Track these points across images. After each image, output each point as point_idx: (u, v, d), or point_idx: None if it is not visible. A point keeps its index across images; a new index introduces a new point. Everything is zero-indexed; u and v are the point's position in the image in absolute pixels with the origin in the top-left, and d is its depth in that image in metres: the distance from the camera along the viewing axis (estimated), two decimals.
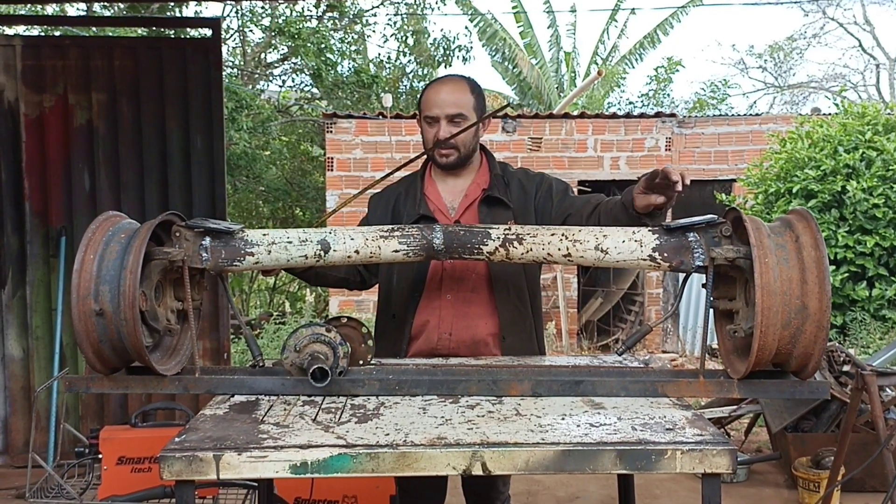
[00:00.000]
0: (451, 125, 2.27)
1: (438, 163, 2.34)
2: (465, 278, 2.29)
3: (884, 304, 7.02)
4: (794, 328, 1.62)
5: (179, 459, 1.44)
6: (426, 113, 2.30)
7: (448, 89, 2.30)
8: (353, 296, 9.07)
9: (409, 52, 14.27)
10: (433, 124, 2.30)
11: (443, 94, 2.29)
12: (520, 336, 2.33)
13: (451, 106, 2.27)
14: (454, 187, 2.38)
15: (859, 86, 19.93)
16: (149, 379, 1.83)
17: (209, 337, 4.55)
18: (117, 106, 4.50)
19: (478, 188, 2.37)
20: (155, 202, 4.45)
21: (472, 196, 2.36)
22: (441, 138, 2.28)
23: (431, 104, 2.29)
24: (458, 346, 2.28)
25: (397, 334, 2.31)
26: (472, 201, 2.35)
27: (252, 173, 11.56)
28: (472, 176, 2.39)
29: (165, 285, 1.89)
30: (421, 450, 1.46)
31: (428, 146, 2.34)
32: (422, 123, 2.34)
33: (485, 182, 2.37)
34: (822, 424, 4.21)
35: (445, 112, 2.27)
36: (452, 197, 2.37)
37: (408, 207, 2.35)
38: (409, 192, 2.40)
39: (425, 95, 2.33)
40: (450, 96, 2.28)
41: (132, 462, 2.84)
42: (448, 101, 2.27)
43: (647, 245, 1.81)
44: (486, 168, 2.42)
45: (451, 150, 2.30)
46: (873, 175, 6.93)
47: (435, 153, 2.32)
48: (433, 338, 2.29)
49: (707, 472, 1.47)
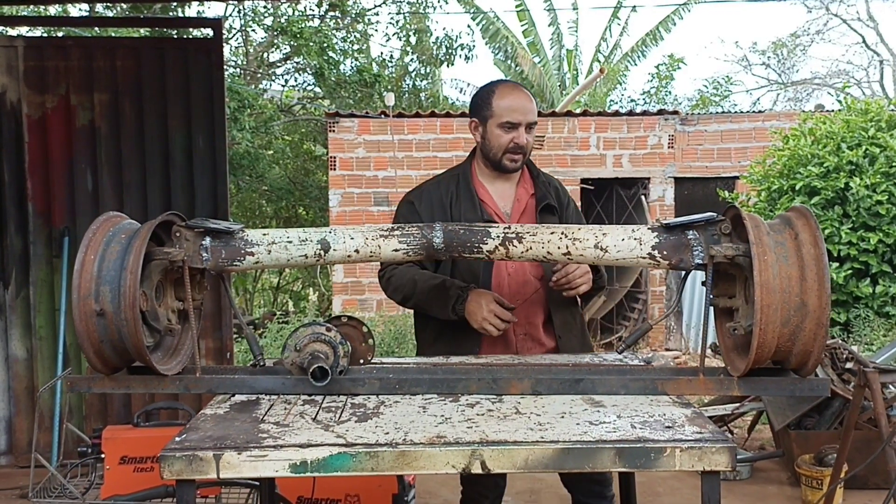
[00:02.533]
0: (527, 132, 2.36)
1: (507, 167, 2.40)
2: (527, 282, 2.38)
3: (887, 300, 7.00)
4: (794, 325, 1.62)
5: (180, 459, 1.45)
6: (507, 119, 2.34)
7: (526, 97, 2.39)
8: (356, 294, 9.08)
9: (411, 50, 14.27)
10: (511, 130, 2.35)
11: (524, 100, 2.37)
12: (573, 335, 2.43)
13: (531, 113, 2.37)
14: (504, 191, 2.46)
15: (863, 82, 19.89)
16: (150, 379, 1.83)
17: (212, 336, 4.56)
18: (119, 106, 4.50)
19: (526, 193, 2.46)
20: (157, 202, 4.45)
21: (524, 201, 2.45)
22: (520, 144, 2.35)
23: (514, 110, 2.35)
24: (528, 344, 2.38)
25: (468, 333, 2.31)
26: (525, 206, 2.44)
27: (255, 173, 11.57)
28: (518, 179, 2.47)
29: (166, 285, 1.89)
30: (420, 448, 1.46)
31: (499, 151, 2.38)
32: (490, 128, 2.38)
33: (530, 187, 2.47)
34: (824, 422, 4.20)
35: (527, 119, 2.35)
36: (504, 202, 2.45)
37: (464, 210, 2.38)
38: (462, 194, 2.42)
39: (504, 101, 2.36)
40: (529, 104, 2.37)
41: (134, 462, 2.85)
42: (529, 108, 2.37)
43: (647, 243, 1.81)
44: (527, 172, 2.50)
45: (521, 156, 2.39)
46: (877, 172, 6.91)
47: (506, 158, 2.38)
48: (510, 337, 2.36)
49: (706, 470, 1.47)
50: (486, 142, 2.40)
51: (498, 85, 2.44)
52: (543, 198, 2.43)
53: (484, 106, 2.40)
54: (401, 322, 7.41)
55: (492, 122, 2.37)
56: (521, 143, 2.35)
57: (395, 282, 2.42)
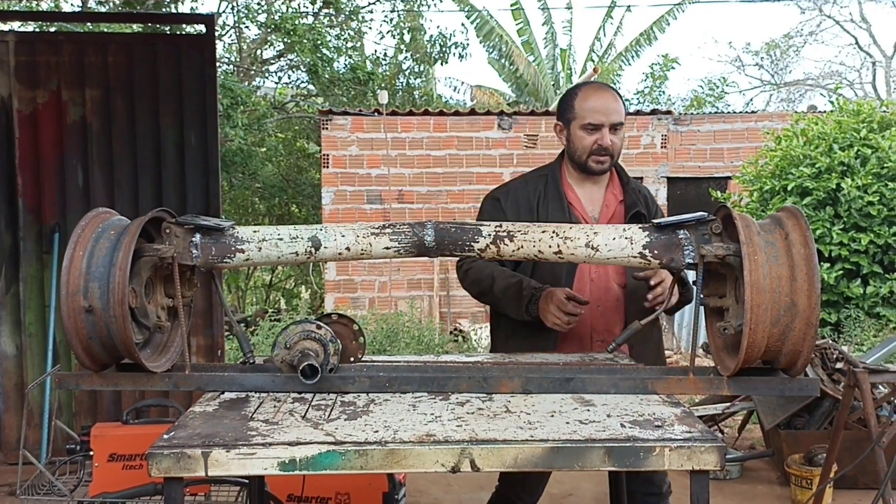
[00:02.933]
0: (612, 133, 2.34)
1: (593, 169, 2.37)
2: (609, 288, 2.36)
3: (878, 301, 7.03)
4: (784, 325, 1.62)
5: (168, 456, 1.44)
6: (589, 120, 2.33)
7: (610, 97, 2.36)
8: (348, 292, 9.07)
9: (405, 48, 14.26)
10: (594, 131, 2.33)
11: (607, 101, 2.34)
12: (648, 346, 2.40)
13: (614, 113, 2.34)
14: (592, 195, 2.44)
15: (855, 83, 19.97)
16: (139, 376, 1.82)
17: (203, 334, 4.55)
18: (111, 102, 4.48)
19: (614, 198, 2.44)
20: (149, 199, 4.44)
21: (612, 206, 2.43)
22: (604, 145, 2.33)
23: (596, 111, 2.33)
24: (602, 349, 2.34)
25: (542, 331, 2.30)
26: (613, 212, 2.42)
27: (248, 170, 11.54)
28: (606, 184, 2.45)
29: (156, 282, 1.88)
30: (409, 447, 1.46)
31: (584, 153, 2.36)
32: (574, 130, 2.37)
33: (619, 192, 2.45)
34: (814, 422, 4.22)
35: (611, 120, 2.33)
36: (592, 206, 2.43)
37: (552, 211, 2.37)
38: (550, 196, 2.41)
39: (585, 102, 2.35)
40: (613, 104, 2.34)
41: (123, 459, 2.84)
42: (612, 108, 2.34)
43: (638, 242, 1.81)
44: (616, 177, 2.48)
45: (607, 158, 2.36)
46: (868, 172, 6.94)
47: (591, 160, 2.36)
48: (585, 340, 2.36)
49: (695, 469, 1.47)
50: (570, 144, 2.40)
51: (582, 87, 2.44)
52: (634, 205, 2.40)
53: (567, 108, 2.40)
54: (392, 320, 7.41)
55: (575, 125, 2.37)
56: (605, 145, 2.33)
57: (472, 275, 2.42)
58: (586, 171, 2.39)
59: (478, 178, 9.24)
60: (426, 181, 9.19)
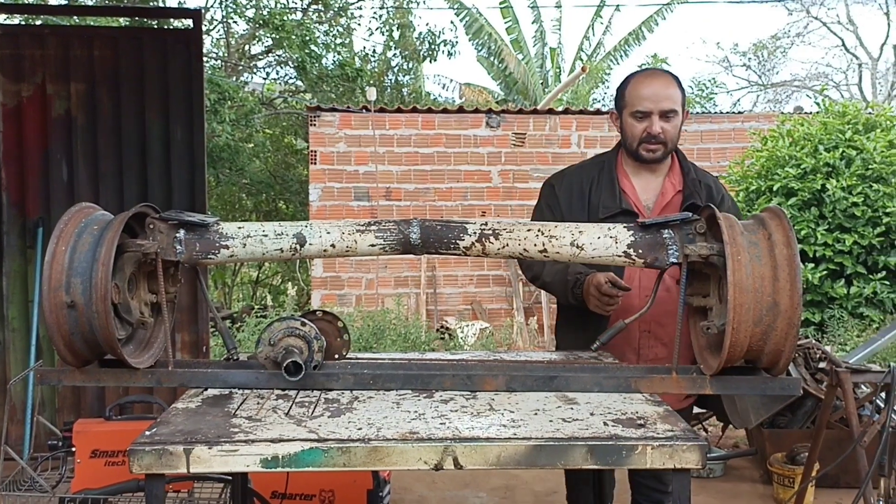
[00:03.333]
0: (663, 120, 2.28)
1: (644, 158, 2.32)
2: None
3: (861, 301, 7.08)
4: (766, 325, 1.64)
5: (149, 453, 1.44)
6: (637, 108, 2.29)
7: (660, 83, 2.30)
8: (335, 289, 9.05)
9: (394, 45, 14.22)
10: (643, 119, 2.28)
11: (656, 87, 2.29)
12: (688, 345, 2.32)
13: (665, 100, 2.27)
14: (648, 183, 2.38)
15: (841, 85, 20.09)
16: (121, 372, 1.81)
17: (188, 330, 4.53)
18: (96, 96, 4.45)
19: (672, 188, 2.37)
20: (134, 194, 4.41)
21: (668, 196, 2.36)
22: (653, 133, 2.28)
23: (644, 98, 2.28)
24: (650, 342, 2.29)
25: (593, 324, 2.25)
26: (668, 201, 2.35)
27: (235, 166, 11.48)
28: (665, 172, 2.39)
29: (139, 278, 1.87)
30: (393, 444, 1.46)
31: (634, 141, 2.32)
32: (625, 118, 2.33)
33: (678, 182, 2.37)
34: (797, 421, 4.25)
35: (660, 107, 2.27)
36: (647, 194, 2.37)
37: (604, 198, 2.32)
38: (604, 183, 2.36)
39: (635, 89, 2.31)
40: (663, 90, 2.28)
41: (106, 455, 2.82)
42: (662, 95, 2.28)
43: (623, 241, 1.82)
44: (678, 167, 2.41)
45: (659, 146, 2.30)
46: (853, 174, 6.99)
47: (642, 148, 2.31)
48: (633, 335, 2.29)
49: (677, 468, 1.48)
50: (623, 133, 2.36)
51: (635, 74, 2.38)
52: (690, 196, 2.31)
53: (620, 97, 2.36)
54: (379, 318, 7.40)
55: (626, 113, 2.33)
56: (654, 133, 2.28)
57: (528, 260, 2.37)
58: (639, 160, 2.34)
59: (465, 175, 9.24)
60: (414, 178, 9.18)
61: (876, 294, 7.06)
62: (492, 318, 9.06)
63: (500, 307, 9.25)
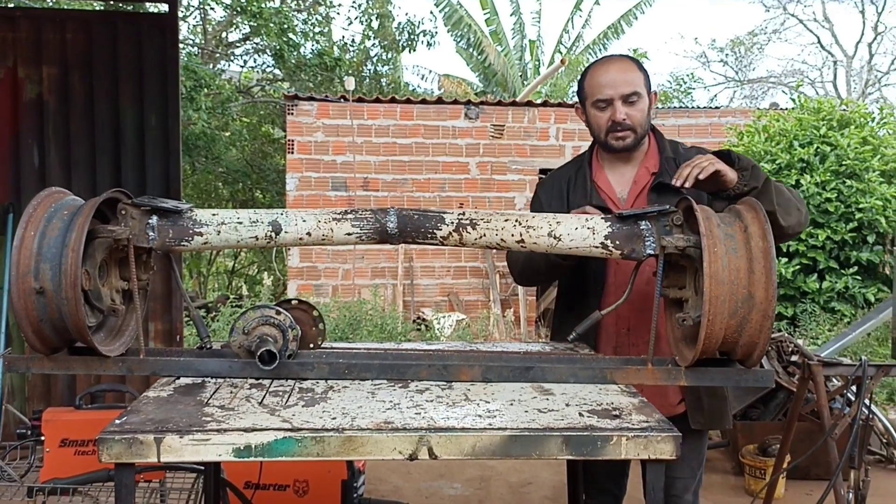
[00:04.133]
0: (626, 105, 2.15)
1: (614, 147, 2.20)
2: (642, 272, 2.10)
3: (833, 296, 7.18)
4: (741, 317, 1.64)
5: (119, 442, 1.41)
6: (597, 97, 2.17)
7: (617, 68, 2.18)
8: (311, 279, 9.01)
9: (373, 35, 14.15)
10: (606, 107, 2.16)
11: (613, 73, 2.16)
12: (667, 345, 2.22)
13: (623, 84, 2.14)
14: (623, 173, 2.26)
15: (816, 82, 20.31)
16: (91, 360, 1.78)
17: (161, 319, 4.48)
18: (69, 81, 4.38)
19: (647, 173, 2.24)
20: (107, 180, 4.35)
21: (642, 182, 2.23)
22: (617, 120, 2.15)
23: (602, 86, 2.16)
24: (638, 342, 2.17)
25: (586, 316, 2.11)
26: (642, 188, 2.22)
27: (211, 154, 11.37)
28: (640, 158, 2.26)
29: (110, 264, 1.84)
30: (367, 434, 1.45)
31: (601, 132, 2.20)
32: (589, 110, 2.22)
33: (654, 166, 2.24)
34: (769, 413, 4.30)
35: (620, 92, 2.14)
36: (621, 185, 2.25)
37: (577, 196, 2.24)
38: (578, 179, 2.28)
39: (592, 79, 2.19)
40: (621, 75, 2.16)
41: (76, 444, 2.78)
42: (620, 79, 2.15)
43: (600, 233, 1.82)
44: (655, 150, 2.27)
45: (628, 132, 2.17)
46: (826, 170, 7.06)
47: (610, 137, 2.19)
48: (612, 332, 2.21)
49: (651, 458, 1.48)
50: (590, 126, 2.24)
51: (593, 64, 2.26)
52: (659, 175, 2.18)
53: (580, 89, 2.25)
54: (355, 308, 7.37)
55: (588, 104, 2.22)
56: (618, 119, 2.14)
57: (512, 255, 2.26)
58: (610, 150, 2.22)
59: (444, 167, 9.22)
60: (392, 169, 9.15)
61: (848, 289, 7.16)
62: (468, 309, 9.07)
63: (477, 299, 9.26)
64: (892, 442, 4.32)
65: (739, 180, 1.92)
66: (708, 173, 1.87)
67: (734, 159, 1.92)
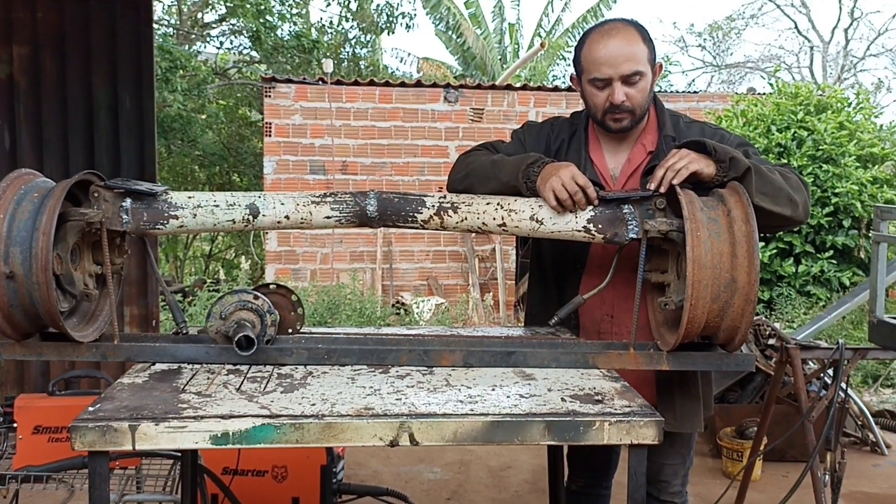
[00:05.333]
0: (627, 85, 1.94)
1: (611, 128, 2.01)
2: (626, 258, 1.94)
3: (809, 280, 7.25)
4: (723, 301, 1.64)
5: (92, 429, 1.38)
6: (594, 75, 1.95)
7: (618, 42, 1.93)
8: (289, 263, 8.95)
9: (351, 17, 14.01)
10: (604, 87, 1.95)
11: (613, 48, 1.92)
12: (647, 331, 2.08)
13: (626, 62, 1.92)
14: (619, 150, 2.08)
15: (793, 67, 20.41)
16: (64, 346, 1.74)
17: (137, 303, 4.42)
18: (40, 61, 4.28)
19: (643, 150, 2.06)
20: (80, 163, 4.26)
21: (636, 161, 2.06)
22: (616, 103, 1.95)
23: (601, 63, 1.93)
24: (621, 329, 2.07)
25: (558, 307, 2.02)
26: (636, 167, 2.05)
27: (187, 137, 11.22)
28: (637, 134, 2.07)
29: (83, 248, 1.80)
30: (347, 420, 1.43)
31: (597, 111, 2.00)
32: (585, 86, 2.00)
33: (651, 143, 2.06)
34: (746, 396, 4.33)
35: (620, 71, 1.92)
36: (615, 162, 2.08)
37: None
38: (572, 146, 2.09)
39: (590, 53, 1.96)
40: (623, 50, 1.92)
41: (49, 431, 2.74)
42: (621, 56, 1.92)
43: (582, 216, 1.80)
44: (655, 125, 2.08)
45: (626, 115, 1.97)
46: (803, 154, 7.11)
47: (607, 118, 1.99)
48: (597, 316, 2.10)
49: (634, 443, 1.47)
50: (585, 101, 2.04)
51: (591, 32, 2.01)
52: (657, 158, 1.97)
53: (577, 59, 2.02)
54: (334, 293, 7.33)
55: (584, 79, 2.00)
56: (616, 102, 1.94)
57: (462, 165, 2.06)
58: (606, 130, 2.04)
59: (423, 150, 9.17)
60: (371, 152, 9.08)
61: (823, 272, 7.23)
62: (448, 293, 9.06)
63: (456, 283, 9.25)
64: (867, 424, 4.38)
65: (717, 172, 1.81)
66: (682, 178, 1.76)
67: (710, 150, 1.81)
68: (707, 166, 1.80)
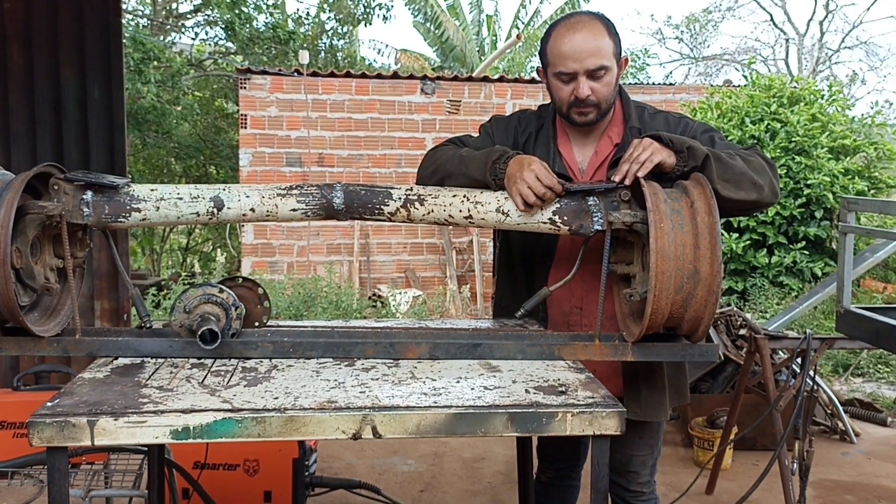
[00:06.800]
0: (591, 80, 1.94)
1: (576, 122, 2.01)
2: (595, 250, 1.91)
3: (782, 270, 7.32)
4: (687, 292, 1.64)
5: (50, 425, 1.37)
6: (559, 69, 1.94)
7: (584, 36, 1.92)
8: (266, 256, 8.90)
9: (328, 8, 13.91)
10: (569, 81, 1.95)
11: (578, 42, 1.92)
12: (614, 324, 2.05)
13: (591, 57, 1.91)
14: (585, 143, 2.09)
15: (769, 59, 20.58)
16: (24, 340, 1.72)
17: (108, 297, 4.37)
18: (6, 51, 4.20)
19: (609, 143, 2.06)
20: (48, 155, 4.19)
21: (603, 153, 2.06)
22: (581, 97, 1.94)
23: (566, 57, 1.93)
24: (590, 321, 2.04)
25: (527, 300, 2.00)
26: (603, 160, 2.05)
27: (161, 129, 11.10)
28: (604, 126, 2.07)
29: (44, 242, 1.77)
30: (310, 414, 1.42)
31: (563, 105, 1.99)
32: (550, 79, 2.00)
33: (617, 135, 2.06)
34: (718, 386, 4.38)
35: (585, 66, 1.92)
36: (583, 154, 2.09)
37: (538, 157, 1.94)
38: (540, 140, 2.09)
39: (555, 47, 1.95)
40: (588, 44, 1.92)
41: (14, 427, 2.71)
42: (586, 50, 1.91)
43: (547, 208, 1.80)
44: (621, 118, 2.09)
45: (591, 108, 1.97)
46: (777, 146, 7.17)
47: (572, 112, 1.99)
48: (566, 308, 2.09)
49: (597, 434, 1.48)
50: (551, 94, 2.03)
51: (557, 25, 2.00)
52: (621, 150, 1.95)
53: (543, 52, 2.01)
54: (310, 285, 7.31)
55: (549, 72, 1.99)
56: (581, 97, 1.93)
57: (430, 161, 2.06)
58: (572, 123, 2.05)
59: (400, 142, 9.15)
60: (347, 145, 9.04)
61: (796, 263, 7.31)
62: (425, 285, 9.05)
63: (434, 275, 9.25)
64: (836, 413, 4.44)
65: (678, 163, 1.81)
66: (647, 170, 1.76)
67: (666, 142, 1.81)
68: (669, 156, 1.81)
